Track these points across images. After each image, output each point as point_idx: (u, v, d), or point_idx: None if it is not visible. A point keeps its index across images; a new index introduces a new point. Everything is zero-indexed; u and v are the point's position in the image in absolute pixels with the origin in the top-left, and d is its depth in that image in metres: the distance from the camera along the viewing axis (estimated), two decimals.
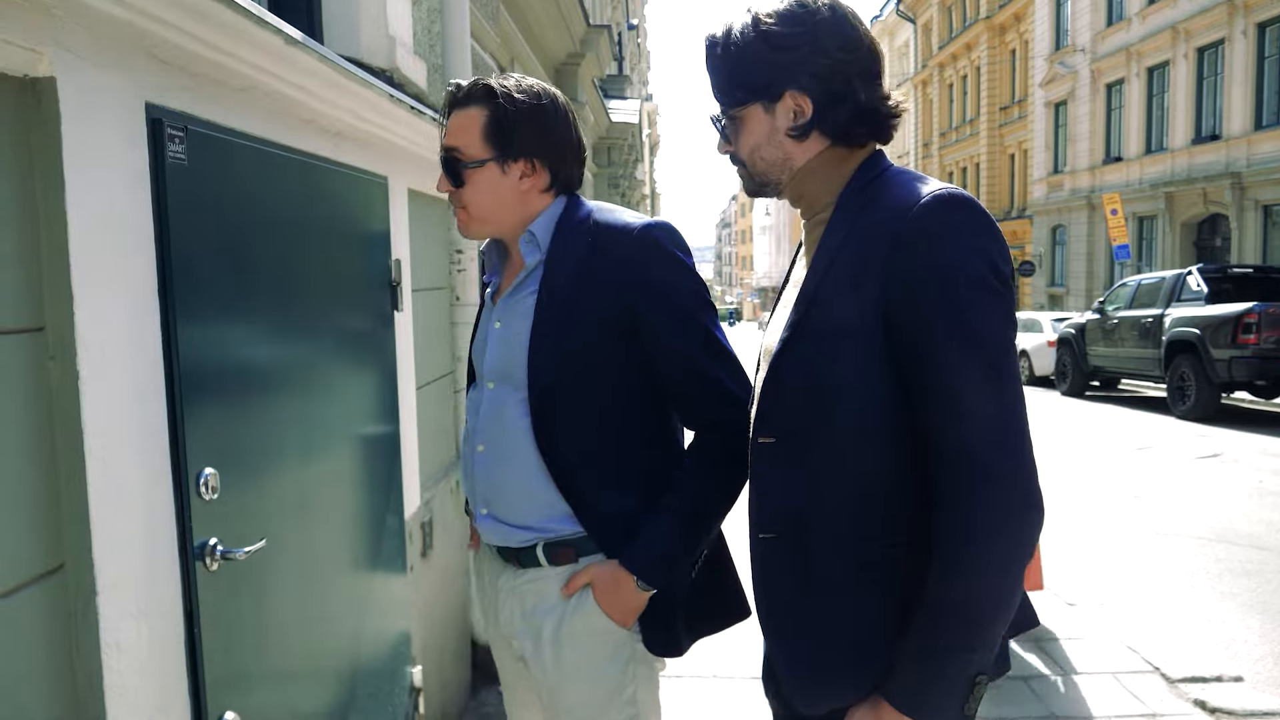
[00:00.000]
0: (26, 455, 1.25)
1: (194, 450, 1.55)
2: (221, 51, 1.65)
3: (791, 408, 1.33)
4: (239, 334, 1.74)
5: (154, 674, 1.48)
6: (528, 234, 1.68)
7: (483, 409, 1.71)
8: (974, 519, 1.18)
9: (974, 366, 1.20)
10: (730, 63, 1.39)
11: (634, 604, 1.63)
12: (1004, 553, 1.18)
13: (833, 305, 1.29)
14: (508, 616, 1.73)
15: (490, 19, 4.59)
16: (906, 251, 1.23)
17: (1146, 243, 23.68)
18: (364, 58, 2.69)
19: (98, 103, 1.35)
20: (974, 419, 1.19)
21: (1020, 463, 1.19)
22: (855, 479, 1.29)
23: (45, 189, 1.28)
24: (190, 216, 1.55)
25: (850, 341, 1.27)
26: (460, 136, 1.66)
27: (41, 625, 1.28)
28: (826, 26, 1.34)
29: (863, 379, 1.27)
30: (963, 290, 1.21)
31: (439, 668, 3.17)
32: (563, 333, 1.62)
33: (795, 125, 1.37)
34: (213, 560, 1.58)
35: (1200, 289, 12.08)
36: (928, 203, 1.24)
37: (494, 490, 1.68)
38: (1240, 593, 5.02)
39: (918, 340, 1.22)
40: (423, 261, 3.08)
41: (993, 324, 1.21)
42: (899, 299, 1.24)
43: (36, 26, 1.23)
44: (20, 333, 1.25)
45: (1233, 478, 8.10)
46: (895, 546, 1.29)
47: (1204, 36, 21.17)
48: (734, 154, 1.47)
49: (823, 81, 1.34)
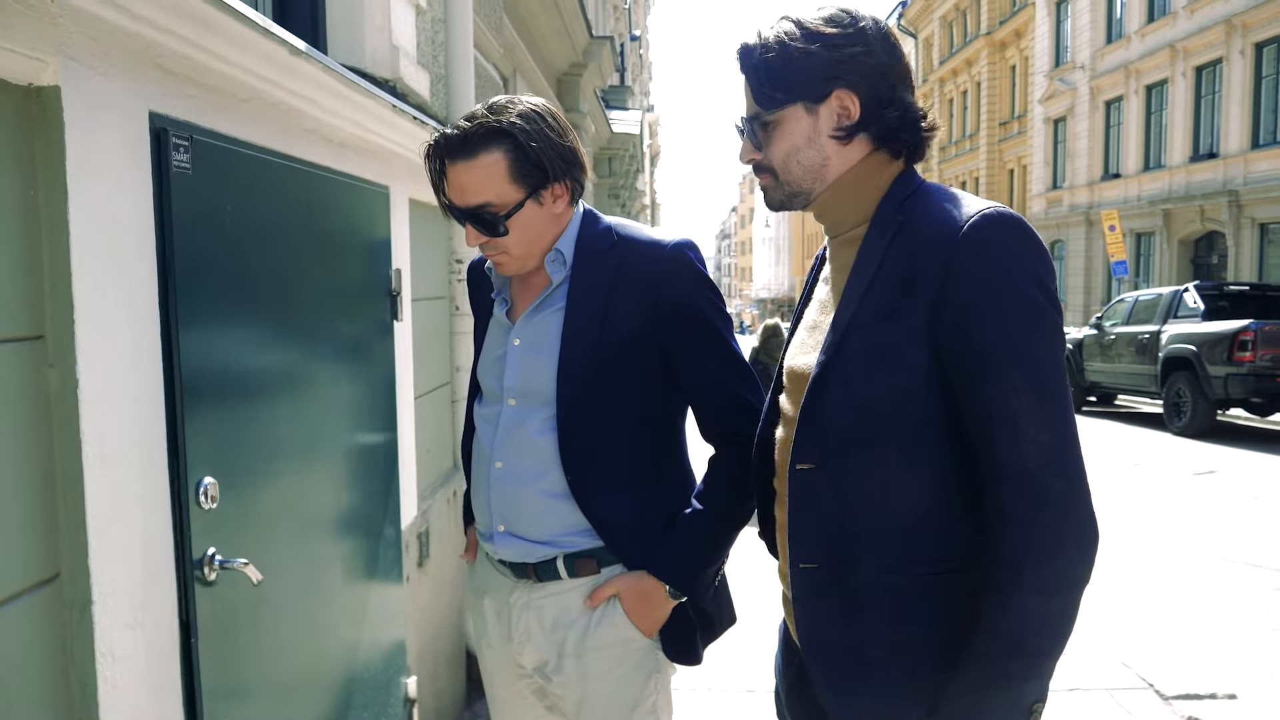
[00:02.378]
0: (24, 463, 1.25)
1: (194, 459, 1.55)
2: (227, 61, 1.65)
3: (833, 433, 1.30)
4: (240, 342, 1.74)
5: (149, 684, 1.47)
6: (554, 252, 1.66)
7: (501, 426, 1.69)
8: (1030, 543, 1.16)
9: (1029, 391, 1.18)
10: (772, 64, 1.34)
11: (662, 614, 1.66)
12: (1061, 577, 1.16)
13: (875, 329, 1.26)
14: (523, 632, 1.71)
15: (494, 29, 4.60)
16: (957, 275, 1.20)
17: (1144, 259, 23.74)
18: (368, 68, 2.69)
19: (102, 112, 1.35)
20: (1030, 444, 1.17)
21: (1076, 486, 1.18)
22: (900, 505, 1.26)
23: (48, 197, 1.28)
24: (194, 225, 1.55)
25: (895, 366, 1.24)
26: (485, 189, 1.57)
27: (36, 634, 1.27)
28: (873, 31, 1.33)
29: (909, 404, 1.24)
30: (1016, 314, 1.19)
31: (434, 678, 3.16)
32: (593, 349, 1.62)
33: (841, 126, 1.34)
34: (211, 570, 1.58)
35: (1197, 306, 12.11)
36: (977, 223, 1.21)
37: (512, 507, 1.67)
38: (1235, 609, 5.01)
39: (971, 366, 1.20)
40: (423, 271, 3.09)
41: (1046, 346, 1.20)
42: (951, 324, 1.21)
43: (42, 35, 1.23)
44: (20, 340, 1.24)
45: (1228, 494, 8.10)
46: (945, 573, 1.26)
47: (1202, 55, 21.27)
48: (760, 162, 1.41)
49: (871, 82, 1.32)
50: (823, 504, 1.32)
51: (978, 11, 35.24)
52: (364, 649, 2.34)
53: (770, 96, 1.36)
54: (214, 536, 1.60)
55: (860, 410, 1.27)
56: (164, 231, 1.48)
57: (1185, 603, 5.18)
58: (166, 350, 1.50)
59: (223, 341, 1.67)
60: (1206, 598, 5.26)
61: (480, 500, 1.74)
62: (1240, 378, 10.91)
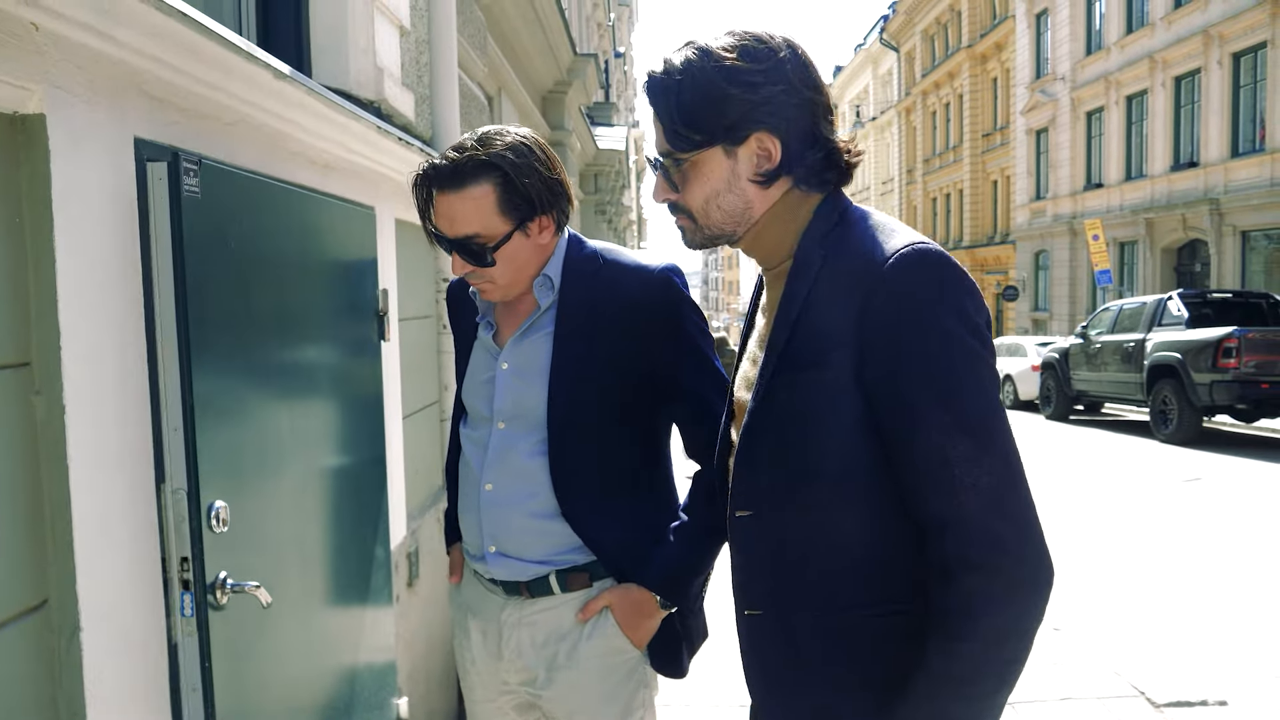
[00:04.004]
0: (11, 490, 1.25)
1: (206, 482, 1.53)
2: (211, 86, 1.66)
3: (767, 483, 1.27)
4: (244, 366, 1.74)
5: (139, 710, 1.47)
6: (542, 277, 1.68)
7: (491, 448, 1.71)
8: (979, 592, 1.12)
9: (963, 437, 1.13)
10: (686, 105, 1.24)
11: (653, 624, 1.69)
12: (1012, 625, 1.12)
13: (802, 377, 1.22)
14: (514, 649, 1.73)
15: (478, 49, 4.62)
16: (878, 318, 1.16)
17: (1128, 268, 23.92)
18: (352, 89, 2.71)
19: (87, 139, 1.36)
20: (969, 490, 1.12)
21: (1024, 528, 1.13)
22: (840, 551, 1.23)
23: (33, 225, 1.28)
24: (204, 249, 1.55)
25: (825, 416, 1.20)
26: (474, 221, 1.58)
27: (25, 661, 1.26)
28: (792, 65, 1.24)
29: (843, 453, 1.20)
30: (942, 359, 1.14)
31: (425, 698, 3.15)
32: (582, 373, 1.65)
33: (761, 171, 1.26)
34: (223, 594, 1.56)
35: (1181, 314, 12.21)
36: (896, 262, 1.16)
37: (503, 529, 1.69)
38: (1225, 616, 5.04)
39: (901, 417, 1.16)
40: (409, 290, 3.09)
41: (976, 387, 1.15)
42: (876, 370, 1.17)
43: (27, 64, 1.23)
44: (6, 368, 1.25)
45: (1215, 501, 8.14)
46: (889, 614, 1.23)
47: (1181, 66, 21.51)
48: (677, 202, 1.33)
49: (792, 123, 1.24)
50: (763, 551, 1.30)
51: (959, 25, 35.57)
52: (357, 670, 2.33)
53: (685, 138, 1.26)
54: (225, 560, 1.59)
55: (793, 460, 1.24)
56: (178, 256, 1.47)
57: (1175, 610, 5.20)
58: (153, 375, 1.49)
59: (230, 365, 1.67)
60: (1196, 605, 5.28)
61: (469, 522, 1.75)
62: (1225, 384, 10.99)
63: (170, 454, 1.50)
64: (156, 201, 1.47)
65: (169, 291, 1.48)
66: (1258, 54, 19.10)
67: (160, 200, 1.47)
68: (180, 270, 1.47)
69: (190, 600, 1.51)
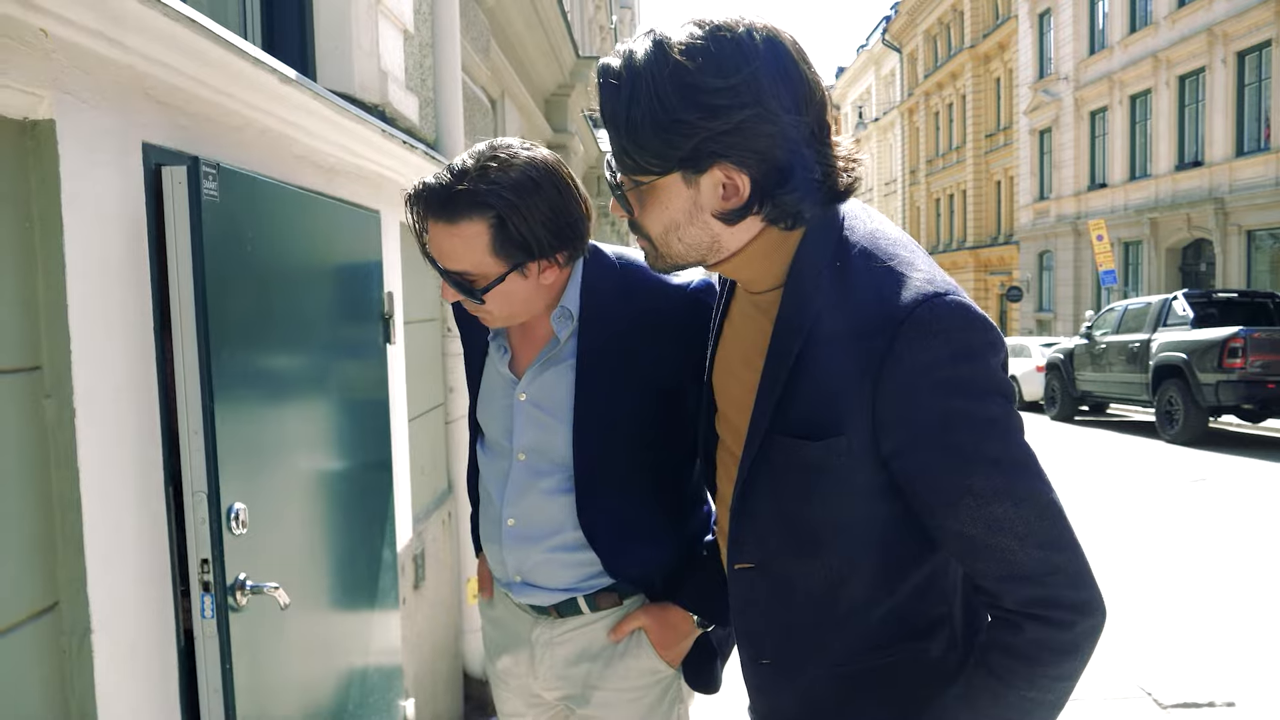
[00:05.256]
0: (22, 493, 1.26)
1: (226, 484, 1.53)
2: (217, 91, 1.67)
3: (769, 540, 1.21)
4: (258, 368, 1.74)
5: (149, 712, 1.48)
6: (560, 309, 1.56)
7: (511, 481, 1.62)
8: (1047, 644, 1.07)
9: (1005, 503, 1.04)
10: (634, 120, 1.03)
11: (688, 644, 1.64)
12: (1067, 674, 1.09)
13: (801, 442, 1.11)
14: (547, 667, 1.68)
15: (481, 52, 4.63)
16: (896, 394, 1.04)
17: (1132, 268, 23.89)
18: (357, 93, 2.72)
19: (96, 144, 1.37)
20: (1020, 551, 1.05)
21: (1083, 581, 1.07)
22: (851, 601, 1.18)
23: (43, 230, 1.29)
24: (221, 253, 1.55)
25: (828, 481, 1.11)
26: (464, 259, 1.44)
27: (36, 663, 1.27)
28: (767, 73, 1.01)
29: (848, 513, 1.13)
30: (973, 432, 1.04)
31: (431, 700, 3.16)
32: (611, 409, 1.55)
33: (726, 210, 1.07)
34: (243, 595, 1.57)
35: (1186, 314, 12.17)
36: (911, 325, 1.02)
37: (528, 562, 1.63)
38: (1232, 617, 5.03)
39: (932, 497, 1.07)
40: (414, 293, 3.10)
41: (1009, 451, 1.06)
42: (896, 445, 1.07)
43: (37, 70, 1.24)
44: (17, 372, 1.26)
45: (1221, 502, 8.13)
46: (911, 662, 1.19)
47: (1185, 65, 21.47)
48: (634, 222, 1.15)
49: (764, 154, 1.03)
50: (769, 603, 1.24)
51: (961, 25, 35.55)
52: (366, 672, 2.34)
53: (635, 163, 1.07)
54: (244, 562, 1.59)
55: (796, 521, 1.17)
56: (197, 260, 1.48)
57: (1182, 611, 5.19)
58: (163, 378, 1.51)
59: (246, 368, 1.67)
60: (1203, 605, 5.27)
61: (493, 551, 1.70)
62: (1231, 384, 10.96)
63: (190, 456, 1.50)
64: (176, 205, 1.47)
65: (188, 295, 1.48)
66: (1262, 52, 19.06)
67: (180, 204, 1.47)
68: (199, 274, 1.48)
69: (210, 602, 1.51)
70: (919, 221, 41.65)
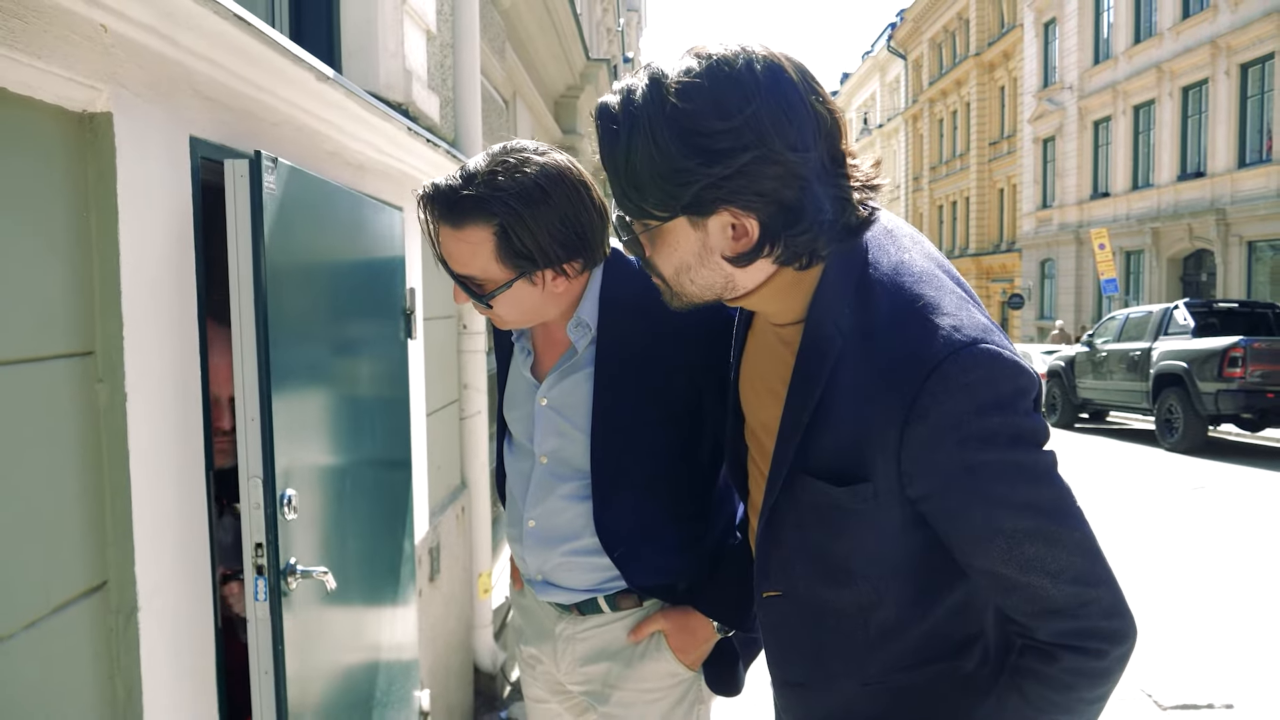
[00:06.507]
0: (74, 474, 1.30)
1: (280, 471, 1.57)
2: (259, 87, 1.71)
3: (797, 571, 1.20)
4: (307, 358, 1.78)
5: (189, 689, 1.52)
6: (576, 320, 1.54)
7: (534, 482, 1.64)
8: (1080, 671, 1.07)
9: (1037, 543, 1.03)
10: (633, 166, 1.00)
11: (708, 648, 1.64)
12: (1097, 698, 1.10)
13: (826, 484, 1.10)
14: (569, 664, 1.70)
15: (497, 54, 4.68)
16: (924, 448, 1.02)
17: (1134, 277, 23.93)
18: (382, 92, 2.76)
19: (148, 137, 1.41)
20: (1055, 591, 1.04)
21: (1120, 615, 1.08)
22: (882, 623, 1.18)
23: (99, 220, 1.33)
24: (278, 244, 1.58)
25: (853, 519, 1.10)
26: (470, 264, 1.43)
27: (84, 641, 1.31)
28: (770, 111, 0.97)
29: (876, 548, 1.13)
30: (1003, 483, 1.03)
31: (445, 691, 3.19)
32: (630, 419, 1.54)
33: (736, 254, 1.05)
34: (294, 579, 1.60)
35: (1187, 323, 12.21)
36: (939, 378, 0.99)
37: (549, 563, 1.65)
38: (1230, 621, 5.06)
39: (963, 544, 1.07)
40: (433, 290, 3.14)
41: (1043, 493, 1.05)
42: (925, 494, 1.06)
43: (96, 64, 1.29)
44: (71, 356, 1.30)
45: (1220, 509, 8.16)
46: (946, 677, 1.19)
47: (1188, 76, 21.53)
48: (647, 260, 1.12)
49: (770, 197, 0.99)
50: (799, 630, 1.24)
51: (966, 33, 35.62)
52: (388, 660, 2.38)
53: (639, 208, 1.04)
54: (295, 547, 1.63)
55: (824, 555, 1.16)
56: (258, 251, 1.51)
57: (1182, 615, 5.23)
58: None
59: (296, 358, 1.71)
60: (1202, 610, 5.31)
61: (517, 550, 1.72)
62: (1231, 394, 10.99)
63: (248, 442, 1.53)
64: (238, 197, 1.50)
65: (248, 284, 1.51)
66: (1265, 65, 19.12)
67: (241, 196, 1.50)
68: (259, 265, 1.51)
69: (264, 585, 1.53)
70: (922, 228, 41.64)
